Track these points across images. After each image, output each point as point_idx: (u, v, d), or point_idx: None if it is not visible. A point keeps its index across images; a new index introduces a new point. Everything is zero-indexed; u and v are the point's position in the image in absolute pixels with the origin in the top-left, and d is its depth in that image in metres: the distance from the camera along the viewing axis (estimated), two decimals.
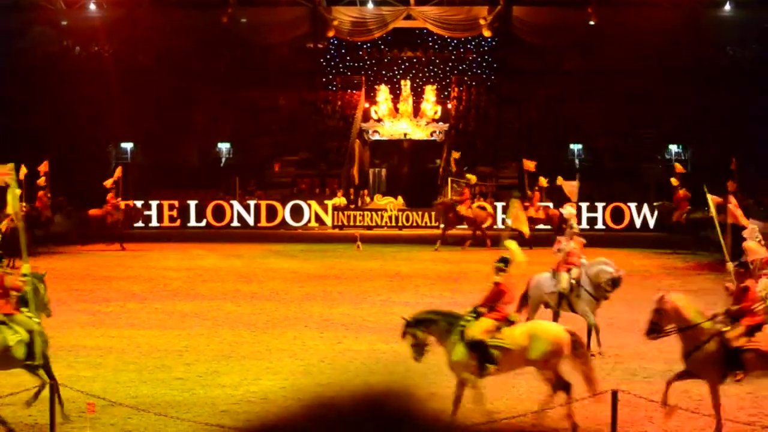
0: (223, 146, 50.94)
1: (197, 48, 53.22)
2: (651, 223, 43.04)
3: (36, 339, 13.95)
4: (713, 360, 13.45)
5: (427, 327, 13.90)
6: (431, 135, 51.15)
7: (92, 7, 53.21)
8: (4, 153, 46.98)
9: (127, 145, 50.35)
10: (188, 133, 51.45)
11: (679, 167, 33.28)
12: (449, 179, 41.63)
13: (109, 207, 36.71)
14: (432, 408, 2.48)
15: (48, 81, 50.52)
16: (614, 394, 12.20)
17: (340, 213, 44.18)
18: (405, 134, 51.00)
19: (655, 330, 13.75)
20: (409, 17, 52.49)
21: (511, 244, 14.94)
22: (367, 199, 46.71)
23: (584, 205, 41.66)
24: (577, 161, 49.13)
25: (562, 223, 34.64)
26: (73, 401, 14.03)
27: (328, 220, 44.09)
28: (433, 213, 42.02)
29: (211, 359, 17.67)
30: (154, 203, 44.25)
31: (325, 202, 44.61)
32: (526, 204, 35.77)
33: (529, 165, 37.83)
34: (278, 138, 51.21)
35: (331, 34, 53.39)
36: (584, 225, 41.22)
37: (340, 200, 44.86)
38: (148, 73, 52.62)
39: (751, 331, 13.57)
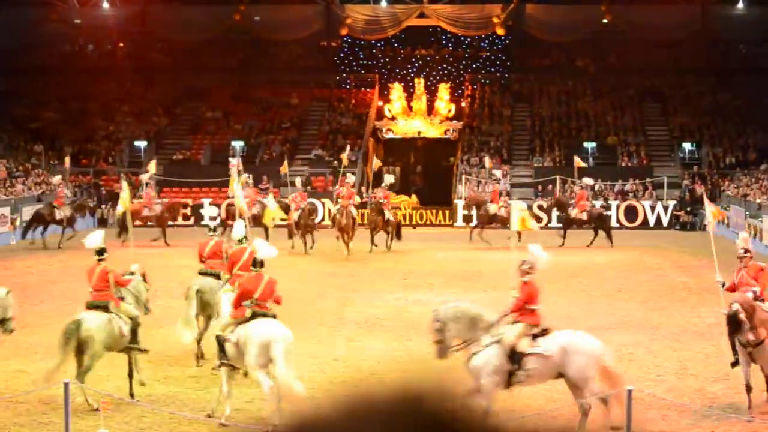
0: (237, 144, 50.88)
1: (210, 46, 53.29)
2: (665, 221, 43.05)
3: None
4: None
5: None
6: (445, 133, 51.10)
7: (105, 5, 53.33)
8: (18, 150, 47.18)
9: (141, 144, 50.36)
10: (201, 131, 51.52)
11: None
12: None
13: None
14: (452, 407, 2.45)
15: (61, 79, 50.71)
16: (629, 392, 12.18)
17: None
18: (419, 132, 50.93)
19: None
20: (422, 15, 52.48)
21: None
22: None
23: (597, 203, 41.63)
24: (590, 159, 49.03)
25: None
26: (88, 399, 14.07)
27: None
28: (447, 211, 41.73)
29: None
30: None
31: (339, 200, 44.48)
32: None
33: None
34: (291, 135, 51.20)
35: (344, 32, 53.41)
36: None
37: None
38: (161, 70, 52.74)
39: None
